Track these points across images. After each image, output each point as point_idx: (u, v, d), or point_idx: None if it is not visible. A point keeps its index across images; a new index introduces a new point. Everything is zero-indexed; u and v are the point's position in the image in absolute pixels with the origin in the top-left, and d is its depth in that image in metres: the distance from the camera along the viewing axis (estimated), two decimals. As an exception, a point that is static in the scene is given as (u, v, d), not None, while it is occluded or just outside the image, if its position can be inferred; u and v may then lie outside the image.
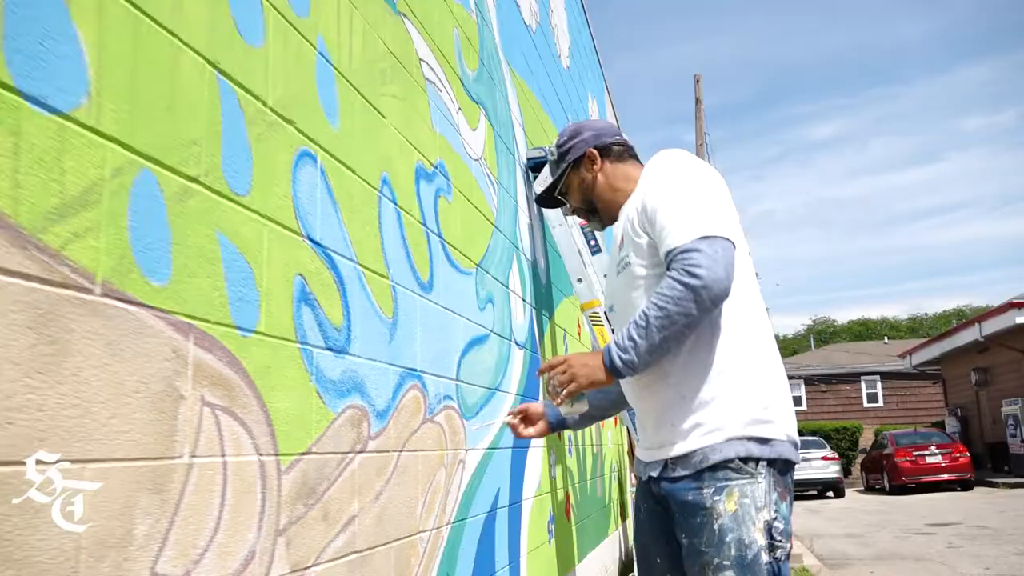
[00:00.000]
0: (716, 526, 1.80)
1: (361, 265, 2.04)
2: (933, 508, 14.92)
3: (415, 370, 2.34)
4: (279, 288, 1.63)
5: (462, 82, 3.09)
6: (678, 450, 1.88)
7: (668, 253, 1.84)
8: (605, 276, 4.01)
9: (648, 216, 1.92)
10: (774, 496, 1.82)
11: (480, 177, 3.24)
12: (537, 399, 3.92)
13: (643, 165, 2.18)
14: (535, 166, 4.09)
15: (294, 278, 1.70)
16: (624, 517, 7.60)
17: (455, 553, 2.57)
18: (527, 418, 2.41)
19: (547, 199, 2.41)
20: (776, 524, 1.81)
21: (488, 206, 3.32)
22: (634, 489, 5.35)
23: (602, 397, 2.33)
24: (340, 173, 1.95)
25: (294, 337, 1.67)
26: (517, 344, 3.61)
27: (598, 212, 2.23)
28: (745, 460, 1.81)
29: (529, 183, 4.15)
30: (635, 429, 3.91)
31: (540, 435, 2.41)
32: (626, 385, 2.07)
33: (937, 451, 19.47)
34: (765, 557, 1.77)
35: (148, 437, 1.22)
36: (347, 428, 1.89)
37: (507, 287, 3.52)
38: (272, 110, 1.64)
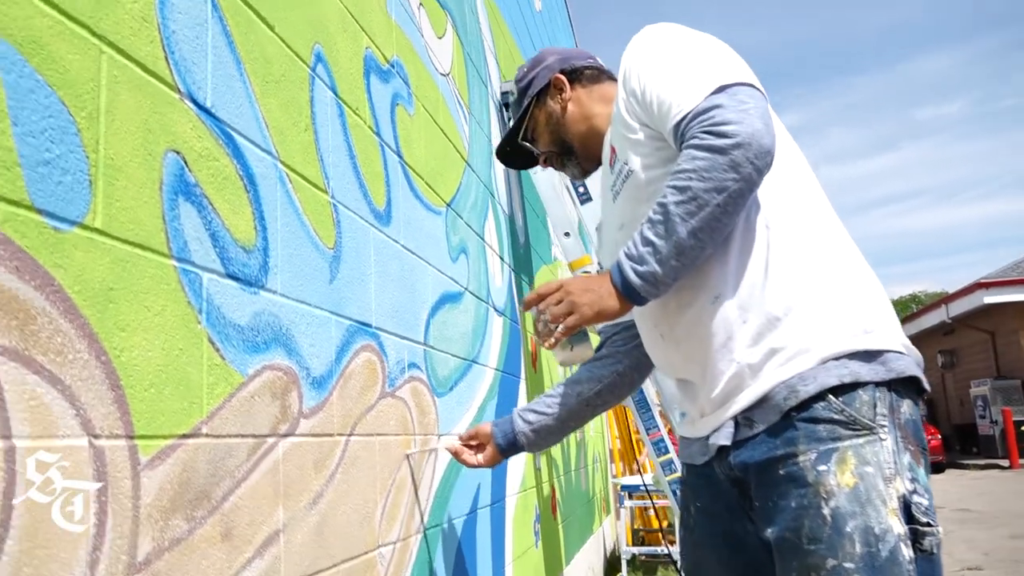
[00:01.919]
0: (828, 510, 1.19)
1: (284, 165, 1.39)
2: (910, 492, 14.61)
3: (368, 325, 1.71)
4: (132, 162, 0.99)
5: (424, -26, 2.45)
6: (751, 394, 1.28)
7: (677, 127, 1.27)
8: (597, 229, 3.41)
9: (638, 98, 1.35)
10: (906, 458, 1.23)
11: (449, 97, 2.60)
12: (519, 379, 3.30)
13: None
14: (510, 104, 3.45)
15: (164, 154, 1.05)
16: (607, 511, 7.03)
17: (428, 570, 1.94)
18: (475, 440, 1.84)
19: (511, 154, 1.79)
20: (917, 499, 1.21)
21: (459, 136, 2.68)
22: (652, 487, 4.72)
23: (567, 401, 1.73)
24: (246, 18, 1.31)
25: (164, 247, 1.03)
26: (496, 309, 2.99)
27: (574, 152, 1.64)
28: (851, 395, 1.22)
29: (504, 123, 3.52)
30: (651, 411, 3.31)
31: (488, 463, 1.81)
32: (650, 322, 1.45)
33: (908, 434, 19.22)
34: (907, 552, 1.17)
35: None
36: (264, 399, 1.25)
37: (483, 239, 2.89)
38: None
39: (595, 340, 1.99)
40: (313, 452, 1.40)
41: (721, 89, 1.24)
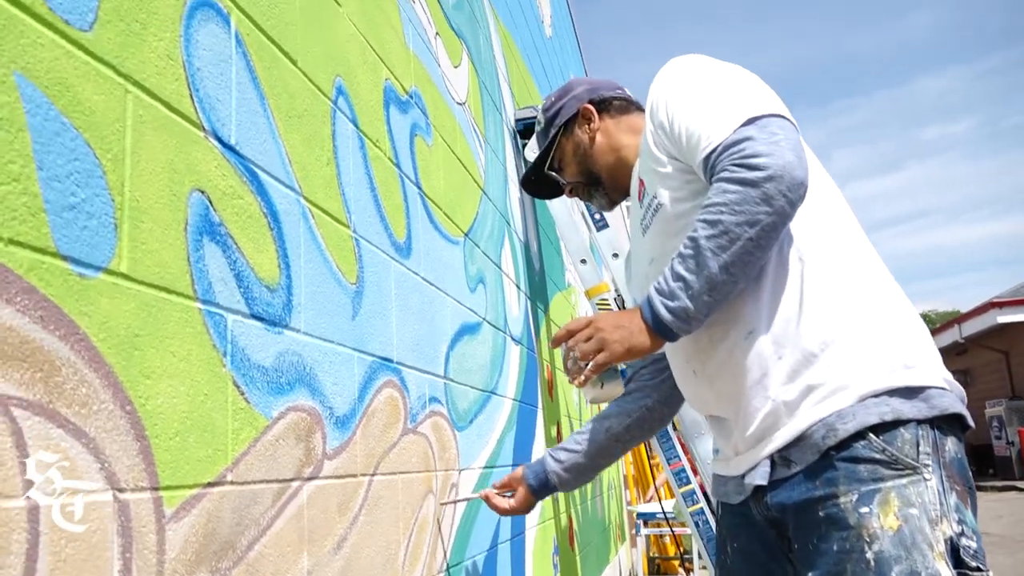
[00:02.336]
0: (871, 555, 1.14)
1: (307, 200, 1.37)
2: (927, 515, 14.41)
3: (390, 361, 1.67)
4: (158, 203, 0.96)
5: (440, 3, 2.44)
6: (787, 433, 1.23)
7: (707, 160, 1.23)
8: (615, 255, 3.37)
9: (666, 131, 1.31)
10: (952, 498, 1.18)
11: (465, 126, 2.58)
12: (536, 408, 3.26)
13: None
14: (524, 129, 3.43)
15: (189, 194, 1.03)
16: (623, 539, 6.93)
17: (450, 611, 1.89)
18: (509, 488, 1.79)
19: (536, 183, 1.75)
20: (966, 542, 1.16)
21: (475, 164, 2.66)
22: (671, 515, 4.66)
23: (596, 437, 1.70)
24: (269, 53, 1.29)
25: (189, 290, 1.00)
26: (513, 338, 2.95)
27: (602, 183, 1.61)
28: (893, 434, 1.18)
29: (518, 150, 3.50)
30: (672, 440, 3.25)
31: (522, 508, 1.75)
32: (681, 358, 1.41)
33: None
34: None
35: None
36: (289, 442, 1.22)
37: (500, 267, 2.86)
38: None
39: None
40: (337, 494, 1.36)
41: (751, 121, 1.21)
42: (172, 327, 0.96)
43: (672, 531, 4.25)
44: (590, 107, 1.61)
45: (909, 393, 1.20)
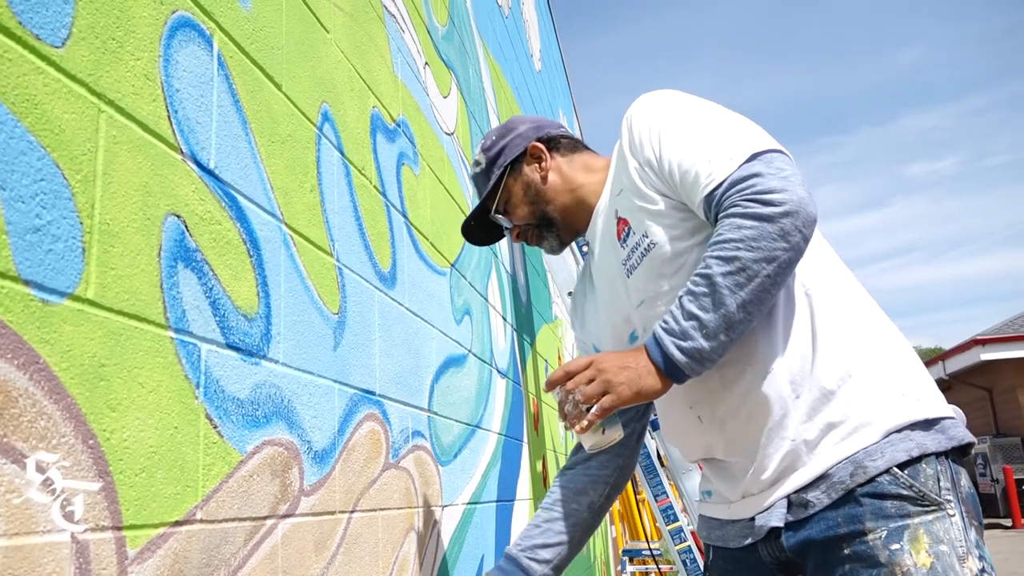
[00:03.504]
0: None
1: (289, 227, 1.33)
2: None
3: (372, 393, 1.63)
4: (130, 227, 0.92)
5: (429, 34, 2.43)
6: (808, 473, 1.19)
7: (711, 196, 1.18)
8: (575, 310, 3.33)
9: (655, 168, 1.27)
10: (972, 534, 1.15)
11: (453, 156, 2.56)
12: (522, 442, 3.20)
13: (602, 156, 1.53)
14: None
15: (164, 218, 0.99)
16: (607, 576, 6.82)
17: (430, 654, 1.83)
18: None
19: (475, 228, 1.62)
20: None
21: (463, 195, 2.64)
22: (657, 552, 4.56)
23: (579, 519, 1.54)
24: (253, 77, 1.26)
25: (161, 318, 0.96)
26: (499, 371, 2.91)
27: (555, 225, 1.51)
28: (915, 468, 1.15)
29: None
30: (659, 476, 3.19)
31: None
32: (682, 404, 1.35)
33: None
34: None
35: None
36: (264, 477, 1.16)
37: (486, 299, 2.82)
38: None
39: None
40: (314, 532, 1.30)
41: (754, 156, 1.17)
42: (141, 357, 0.91)
43: (659, 568, 4.17)
44: (539, 145, 1.51)
45: (927, 426, 1.19)
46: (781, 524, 1.21)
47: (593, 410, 1.21)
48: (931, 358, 23.82)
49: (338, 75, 1.62)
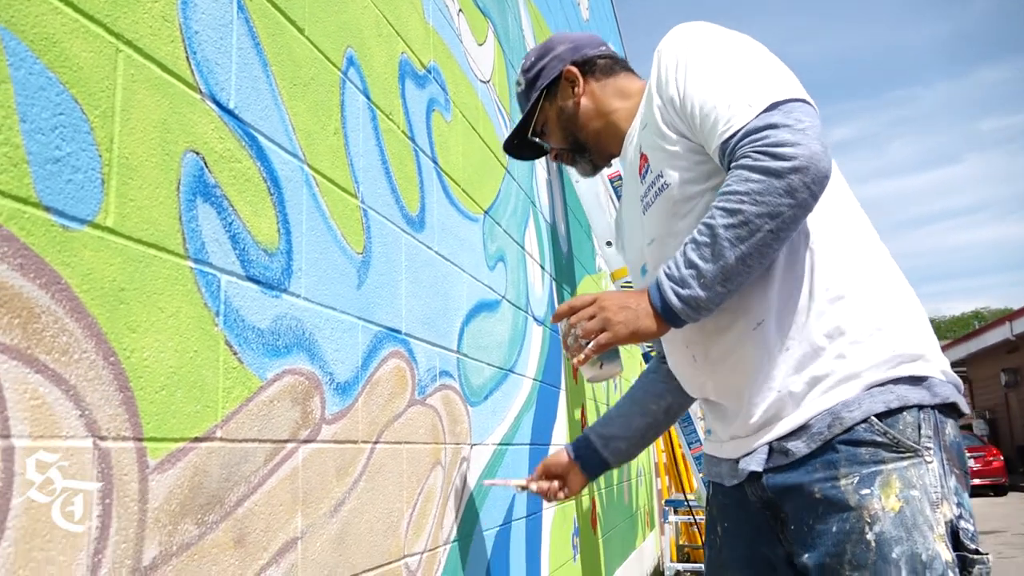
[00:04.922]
0: (872, 536, 1.13)
1: (311, 168, 1.38)
2: (970, 515, 14.11)
3: (398, 332, 1.69)
4: (148, 162, 0.98)
5: (464, -20, 2.44)
6: (790, 422, 1.22)
7: (726, 144, 1.18)
8: (617, 226, 3.33)
9: (676, 108, 1.27)
10: (952, 481, 1.16)
11: (489, 104, 2.58)
12: (559, 389, 3.26)
13: (640, 79, 1.52)
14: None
15: (183, 154, 1.04)
16: (651, 526, 6.91)
17: (456, 582, 1.91)
18: (550, 475, 1.74)
19: (520, 146, 1.67)
20: (964, 525, 1.15)
21: (499, 143, 2.66)
22: (694, 503, 4.63)
23: (636, 415, 1.68)
24: (274, 21, 1.30)
25: (180, 248, 1.02)
26: (535, 319, 2.95)
27: (588, 150, 1.55)
28: (895, 418, 1.16)
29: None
30: (694, 424, 3.23)
31: (579, 490, 1.75)
32: (680, 343, 1.38)
33: (969, 455, 18.57)
34: None
35: None
36: (284, 403, 1.23)
37: (523, 247, 2.86)
38: None
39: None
40: (335, 459, 1.38)
41: (775, 106, 1.16)
42: (160, 283, 0.98)
43: (695, 519, 4.22)
44: (573, 69, 1.52)
45: (913, 382, 1.19)
46: (760, 469, 1.25)
47: (590, 345, 1.25)
48: (997, 318, 23.11)
49: (364, 20, 1.65)
